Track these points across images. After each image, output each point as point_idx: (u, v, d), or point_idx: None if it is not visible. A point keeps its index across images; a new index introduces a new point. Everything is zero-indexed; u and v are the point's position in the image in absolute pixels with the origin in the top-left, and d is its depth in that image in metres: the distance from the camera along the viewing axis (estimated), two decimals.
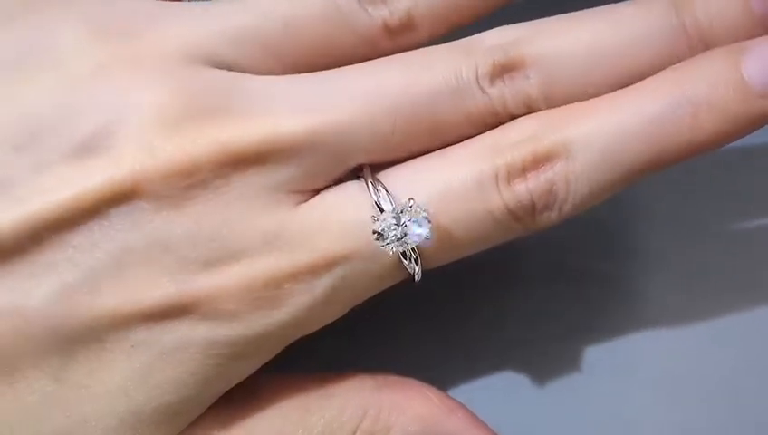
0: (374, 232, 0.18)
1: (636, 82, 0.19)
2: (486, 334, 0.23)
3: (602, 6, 0.20)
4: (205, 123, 0.18)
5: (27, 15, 0.19)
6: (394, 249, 0.18)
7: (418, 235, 0.18)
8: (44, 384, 0.18)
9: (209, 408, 0.19)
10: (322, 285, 0.19)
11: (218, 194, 0.18)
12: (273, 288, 0.18)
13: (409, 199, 0.18)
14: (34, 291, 0.17)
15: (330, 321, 0.20)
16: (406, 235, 0.18)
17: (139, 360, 0.18)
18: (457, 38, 0.21)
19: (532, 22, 0.20)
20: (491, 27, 0.21)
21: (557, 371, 0.23)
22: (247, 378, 0.20)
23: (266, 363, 0.20)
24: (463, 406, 0.20)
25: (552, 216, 0.19)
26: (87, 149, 0.17)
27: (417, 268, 0.19)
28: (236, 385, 0.20)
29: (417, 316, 0.23)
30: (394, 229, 0.18)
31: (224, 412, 0.20)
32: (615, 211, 0.24)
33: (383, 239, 0.18)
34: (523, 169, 0.19)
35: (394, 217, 0.18)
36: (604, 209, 0.20)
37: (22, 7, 0.19)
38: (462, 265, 0.21)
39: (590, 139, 0.19)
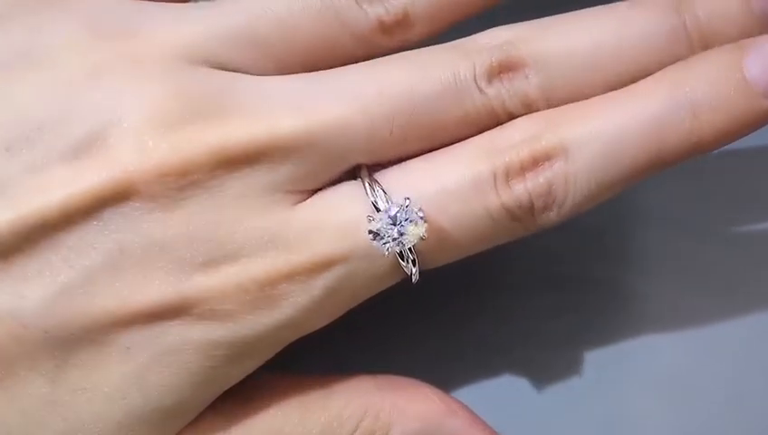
0: (370, 232, 0.18)
1: (635, 82, 0.19)
2: (486, 336, 0.23)
3: (602, 6, 0.20)
4: (200, 124, 0.18)
5: (24, 16, 0.19)
6: (390, 249, 0.18)
7: (414, 234, 0.18)
8: (40, 387, 0.18)
9: (209, 407, 0.19)
10: (319, 285, 0.18)
11: (214, 194, 0.18)
12: (270, 289, 0.18)
13: (405, 199, 0.18)
14: (29, 293, 0.17)
15: (328, 322, 0.20)
16: (402, 234, 0.18)
17: (135, 362, 0.18)
18: (456, 38, 0.20)
19: (532, 21, 0.20)
20: (490, 27, 0.20)
21: (557, 372, 0.22)
22: (247, 377, 0.20)
23: (266, 363, 0.20)
24: (464, 405, 0.20)
25: (552, 216, 0.19)
26: (81, 149, 0.17)
27: (414, 269, 0.19)
28: (236, 384, 0.20)
29: (416, 319, 0.23)
30: (390, 229, 0.18)
31: (224, 412, 0.20)
32: (612, 214, 0.24)
33: (379, 239, 0.18)
34: (522, 169, 0.19)
35: (390, 216, 0.18)
36: (602, 213, 0.20)
37: (19, 8, 0.19)
38: (462, 268, 0.20)
39: (590, 139, 0.19)
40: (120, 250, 0.17)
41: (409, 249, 0.19)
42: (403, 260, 0.19)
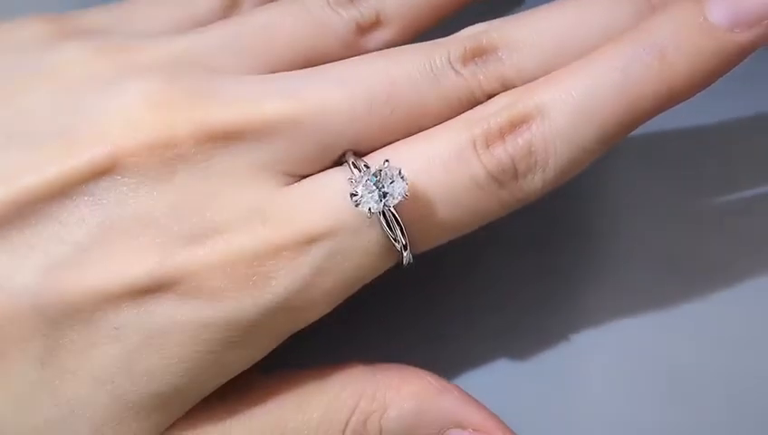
0: (351, 195, 0.18)
1: None
2: (479, 326, 0.23)
3: None
4: (187, 103, 0.19)
5: (33, 46, 0.20)
6: (373, 209, 0.18)
7: (396, 192, 0.18)
8: (31, 369, 0.18)
9: (206, 402, 0.19)
10: (308, 262, 0.18)
11: (200, 169, 0.18)
12: (257, 265, 0.18)
13: (384, 161, 0.18)
14: (19, 269, 0.18)
15: (324, 311, 0.19)
16: (384, 196, 0.18)
17: (124, 344, 0.18)
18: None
19: (502, 18, 0.21)
20: None
21: (548, 360, 0.22)
22: (244, 377, 0.19)
23: (263, 361, 0.19)
24: (456, 386, 0.20)
25: (536, 180, 0.19)
26: (71, 129, 0.18)
27: (405, 252, 0.19)
28: (233, 383, 0.19)
29: (411, 314, 0.23)
30: (371, 190, 0.18)
31: (221, 408, 0.19)
32: (596, 200, 0.24)
33: (361, 200, 0.18)
34: (501, 134, 0.19)
35: (369, 178, 0.18)
36: (585, 199, 0.20)
37: (27, 39, 0.21)
38: (455, 260, 0.21)
39: (564, 98, 0.19)
40: (110, 225, 0.18)
41: (397, 221, 0.19)
42: (392, 233, 0.19)
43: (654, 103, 0.19)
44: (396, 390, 0.19)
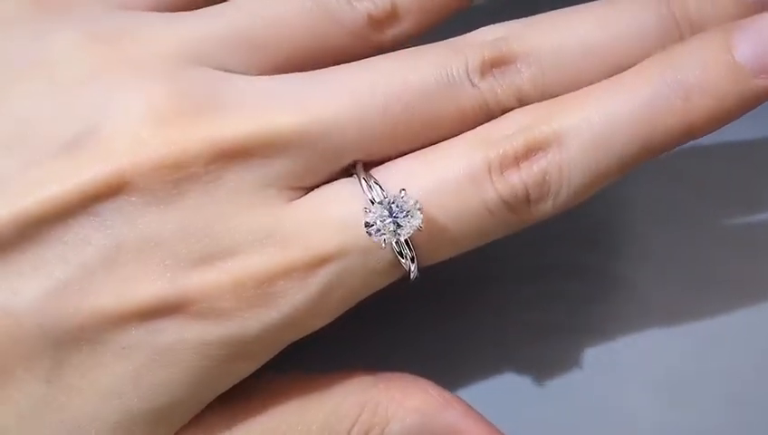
0: (366, 224, 0.18)
1: None
2: (483, 336, 0.23)
3: (593, 1, 0.21)
4: (194, 118, 0.18)
5: (25, 24, 0.19)
6: (387, 240, 0.18)
7: (411, 226, 0.18)
8: (36, 388, 0.18)
9: (208, 407, 0.19)
10: (317, 282, 0.18)
11: (209, 189, 0.18)
12: (267, 286, 0.18)
13: (401, 190, 0.18)
14: (24, 290, 0.17)
15: (327, 322, 0.19)
16: (399, 226, 0.18)
17: (132, 361, 0.18)
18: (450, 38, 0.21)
19: (522, 19, 0.20)
20: (483, 25, 0.21)
21: (553, 369, 0.23)
22: (247, 379, 0.19)
23: (266, 365, 0.19)
24: (459, 398, 0.20)
25: (547, 206, 0.19)
26: (76, 145, 0.18)
27: (412, 266, 0.19)
28: (236, 386, 0.19)
29: (405, 316, 0.23)
30: (386, 221, 0.18)
31: (223, 412, 0.19)
32: (601, 204, 0.24)
33: (376, 231, 0.18)
34: (516, 160, 0.19)
35: (385, 208, 0.18)
36: (591, 203, 0.20)
37: (20, 17, 0.19)
38: (459, 266, 0.20)
39: (582, 127, 0.19)
40: (116, 246, 0.17)
41: (407, 243, 0.18)
42: (402, 256, 0.19)
43: (669, 140, 0.19)
44: (398, 403, 0.19)
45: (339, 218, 0.18)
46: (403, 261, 0.19)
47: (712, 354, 0.23)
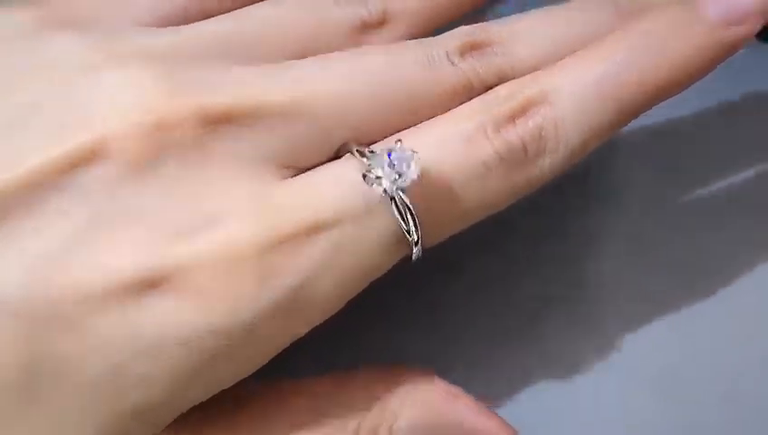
0: (363, 176, 0.17)
1: None
2: (480, 335, 0.22)
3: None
4: (183, 87, 0.18)
5: (25, 38, 0.19)
6: (387, 189, 0.17)
7: (411, 171, 0.17)
8: (15, 378, 0.16)
9: (216, 412, 0.18)
10: (311, 255, 0.17)
11: (194, 156, 0.17)
12: (256, 260, 0.17)
13: (397, 141, 0.18)
14: (0, 265, 0.16)
15: (322, 312, 0.18)
16: (399, 175, 0.17)
17: (110, 347, 0.16)
18: None
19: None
20: None
21: (553, 368, 0.22)
22: (256, 385, 0.18)
23: (274, 370, 0.18)
24: (467, 393, 0.19)
25: (546, 163, 0.19)
26: (57, 117, 0.17)
27: (415, 234, 0.18)
28: (245, 392, 0.18)
29: (413, 319, 0.22)
30: (384, 167, 0.17)
31: (232, 419, 0.18)
32: (610, 206, 0.24)
33: (374, 178, 0.17)
34: (511, 117, 0.19)
35: (382, 156, 0.17)
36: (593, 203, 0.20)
37: (20, 32, 0.19)
38: (458, 265, 0.21)
39: (571, 85, 0.19)
40: (97, 217, 0.16)
41: (407, 205, 0.18)
42: (403, 220, 0.18)
43: (657, 89, 0.19)
44: (406, 398, 0.18)
45: (332, 187, 0.18)
46: (405, 232, 0.18)
47: (710, 351, 0.22)
